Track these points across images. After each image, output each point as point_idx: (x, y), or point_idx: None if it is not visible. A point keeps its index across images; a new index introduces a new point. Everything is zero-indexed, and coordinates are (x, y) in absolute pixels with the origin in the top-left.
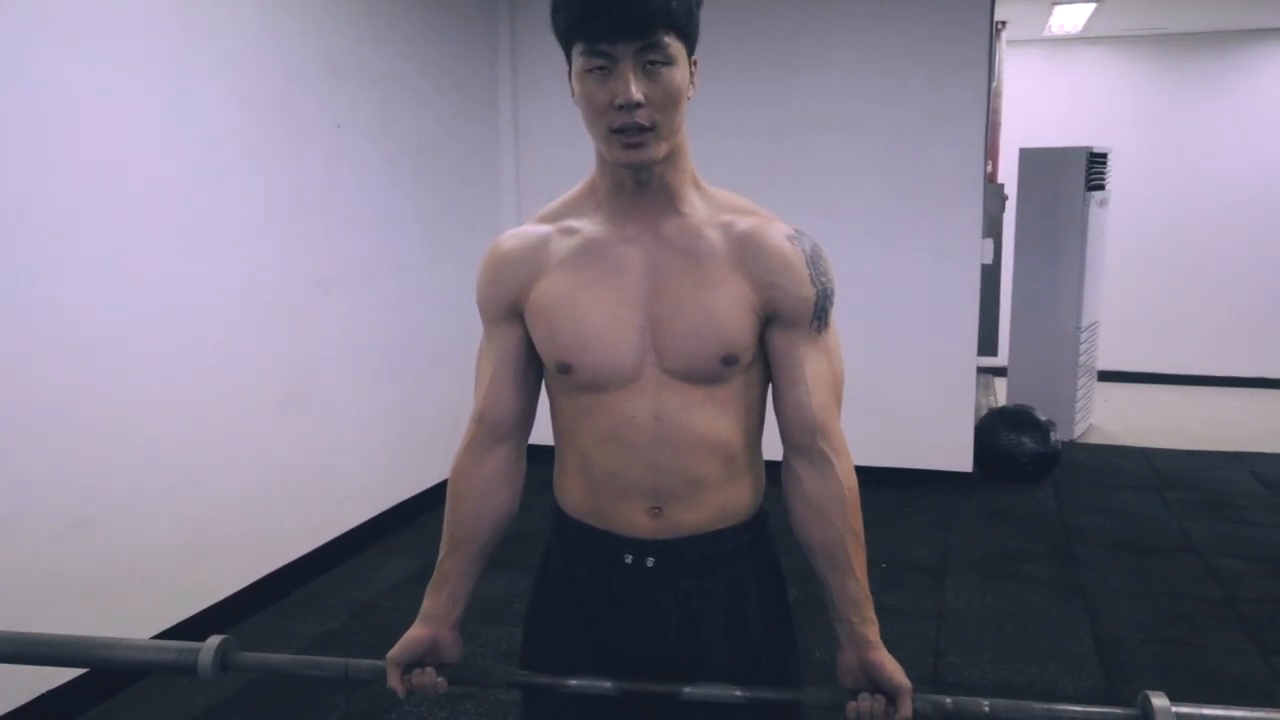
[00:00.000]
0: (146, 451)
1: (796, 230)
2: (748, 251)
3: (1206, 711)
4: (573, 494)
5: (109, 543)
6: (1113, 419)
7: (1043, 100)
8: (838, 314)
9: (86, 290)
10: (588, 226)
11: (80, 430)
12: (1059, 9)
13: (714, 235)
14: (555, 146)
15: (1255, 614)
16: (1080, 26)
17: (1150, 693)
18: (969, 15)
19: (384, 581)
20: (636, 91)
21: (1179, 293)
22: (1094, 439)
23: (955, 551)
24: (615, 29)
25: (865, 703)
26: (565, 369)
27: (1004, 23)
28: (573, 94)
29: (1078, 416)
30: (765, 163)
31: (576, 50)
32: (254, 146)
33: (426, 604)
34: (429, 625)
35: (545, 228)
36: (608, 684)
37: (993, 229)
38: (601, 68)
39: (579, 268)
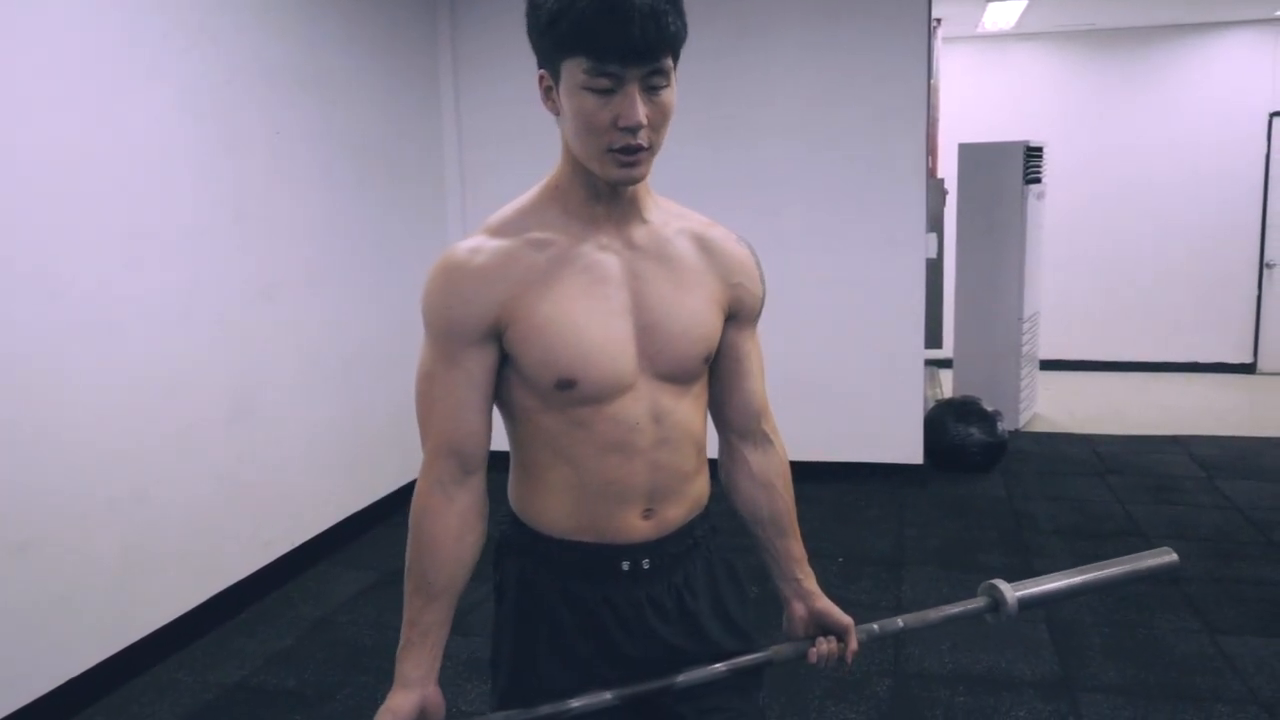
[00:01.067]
0: (85, 470)
1: (736, 234)
2: (714, 255)
3: (1035, 590)
4: (555, 511)
5: (46, 566)
6: (1055, 407)
7: (978, 96)
8: (789, 312)
9: (16, 305)
10: (559, 237)
11: (13, 450)
12: (992, 6)
13: (681, 240)
14: (500, 149)
15: (1200, 593)
16: (1013, 23)
17: (995, 581)
18: (907, 14)
19: (339, 595)
20: (643, 115)
21: (1113, 282)
22: (1038, 427)
23: (910, 543)
24: (629, 53)
25: (824, 645)
26: (567, 385)
27: (939, 20)
28: (551, 103)
29: (1022, 406)
30: (711, 165)
31: (575, 65)
32: (191, 152)
33: (406, 667)
34: (413, 689)
35: (507, 241)
36: (607, 695)
37: (935, 224)
38: (607, 89)
39: (562, 280)
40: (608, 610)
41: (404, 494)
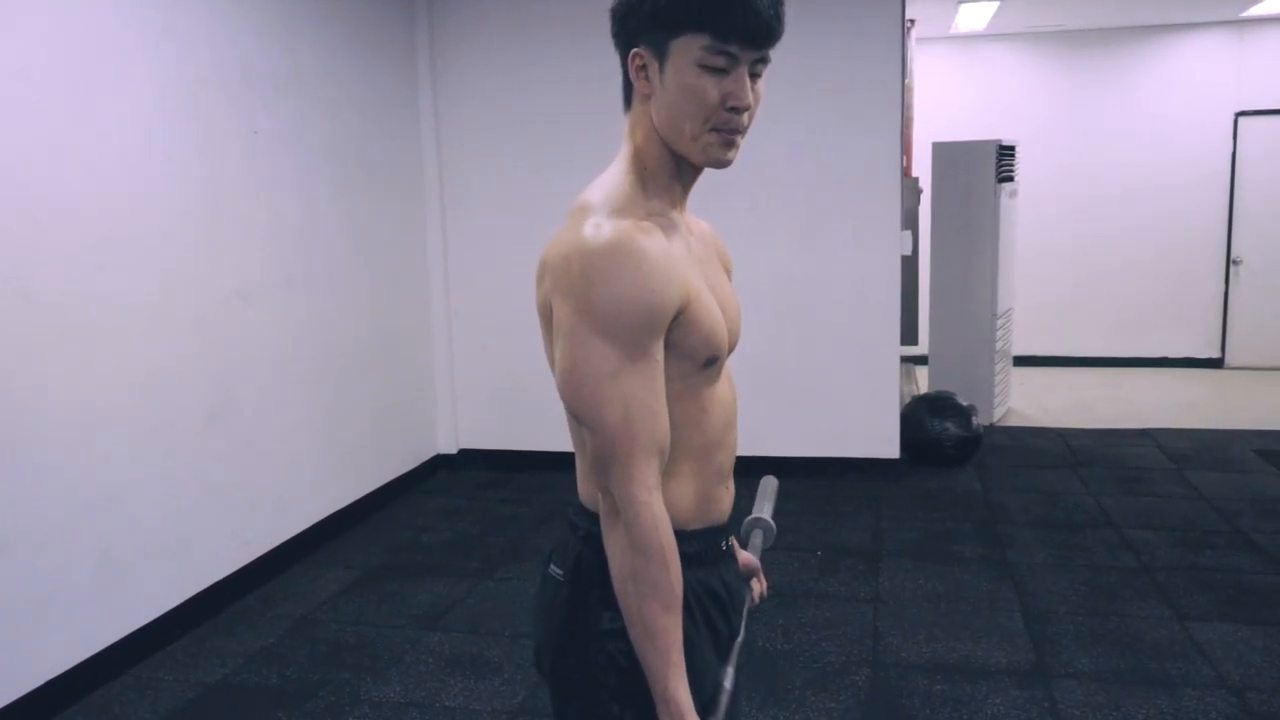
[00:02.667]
0: (62, 471)
1: None
2: (719, 244)
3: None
4: (681, 503)
5: (24, 568)
6: (1028, 402)
7: (951, 95)
8: (767, 310)
9: None
10: (667, 217)
11: None
12: (965, 7)
13: (702, 227)
14: (478, 148)
15: (1169, 581)
16: (985, 24)
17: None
18: (881, 15)
19: (320, 594)
20: (751, 97)
21: (1083, 279)
22: (1012, 422)
23: (887, 535)
24: (755, 36)
25: (756, 587)
26: (712, 361)
27: (913, 21)
28: (644, 82)
29: (996, 401)
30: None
31: (692, 42)
32: (166, 152)
33: (683, 693)
34: (693, 715)
35: (648, 222)
36: (730, 670)
37: (909, 221)
38: (720, 69)
39: (689, 259)
40: (724, 590)
41: (382, 493)
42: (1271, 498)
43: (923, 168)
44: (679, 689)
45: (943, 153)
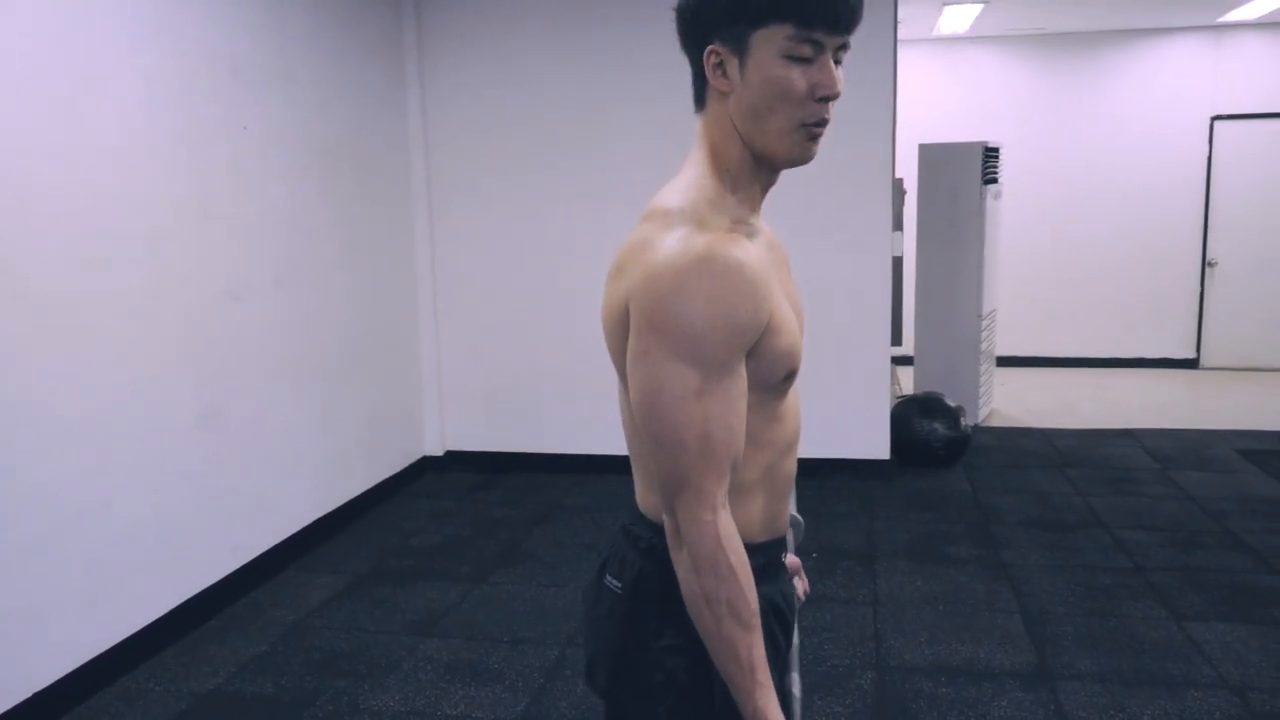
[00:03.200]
0: (51, 477)
1: None
2: (781, 247)
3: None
4: (752, 517)
5: (11, 576)
6: (1012, 402)
7: (934, 97)
8: None
9: None
10: (750, 224)
11: None
12: (948, 10)
13: (769, 231)
14: (466, 146)
15: (1163, 582)
16: (967, 27)
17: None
18: (873, 19)
19: (311, 600)
20: (840, 84)
21: (1063, 280)
22: (997, 422)
23: (881, 537)
24: (839, 20)
25: (800, 585)
26: (791, 375)
27: (898, 23)
28: (722, 79)
29: (981, 401)
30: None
31: (777, 32)
32: (156, 149)
33: (775, 713)
34: None
35: (737, 233)
36: (795, 675)
37: (895, 223)
38: (806, 58)
39: (770, 268)
40: (783, 602)
41: (369, 496)
42: (1257, 497)
43: (907, 169)
44: (769, 706)
45: (929, 154)
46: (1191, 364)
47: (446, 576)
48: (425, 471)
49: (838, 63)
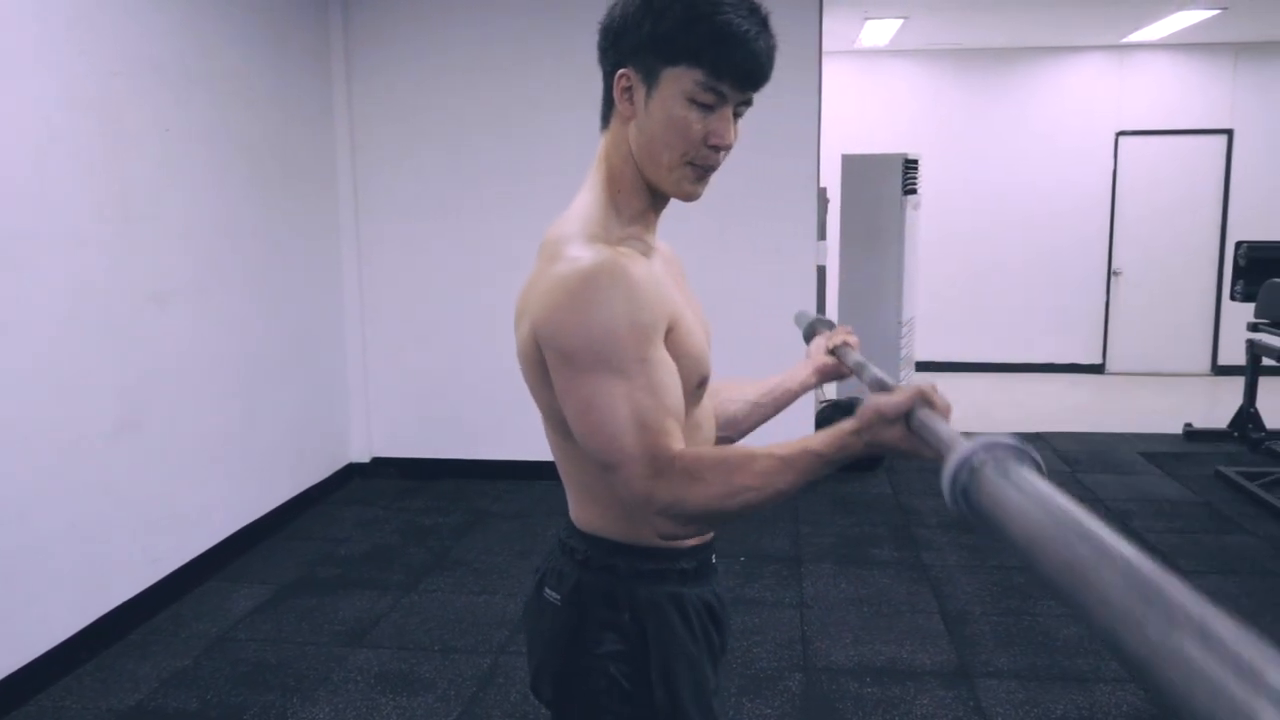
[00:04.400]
0: None
1: None
2: (680, 265)
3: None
4: None
5: None
6: None
7: (857, 109)
8: None
9: None
10: (642, 241)
11: None
12: (870, 23)
13: (667, 250)
14: (394, 148)
15: None
16: (888, 40)
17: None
18: (799, 32)
19: (235, 611)
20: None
21: (979, 288)
22: None
23: (806, 541)
24: (743, 77)
25: (850, 339)
26: (703, 382)
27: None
28: (627, 104)
29: None
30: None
31: (685, 74)
32: (75, 148)
33: (844, 439)
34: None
35: (628, 247)
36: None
37: (819, 232)
38: (709, 105)
39: (669, 280)
40: (716, 604)
41: (294, 505)
42: (1159, 498)
43: (830, 179)
44: (835, 441)
45: (851, 165)
46: (1098, 369)
47: (375, 585)
48: (351, 478)
49: (738, 116)
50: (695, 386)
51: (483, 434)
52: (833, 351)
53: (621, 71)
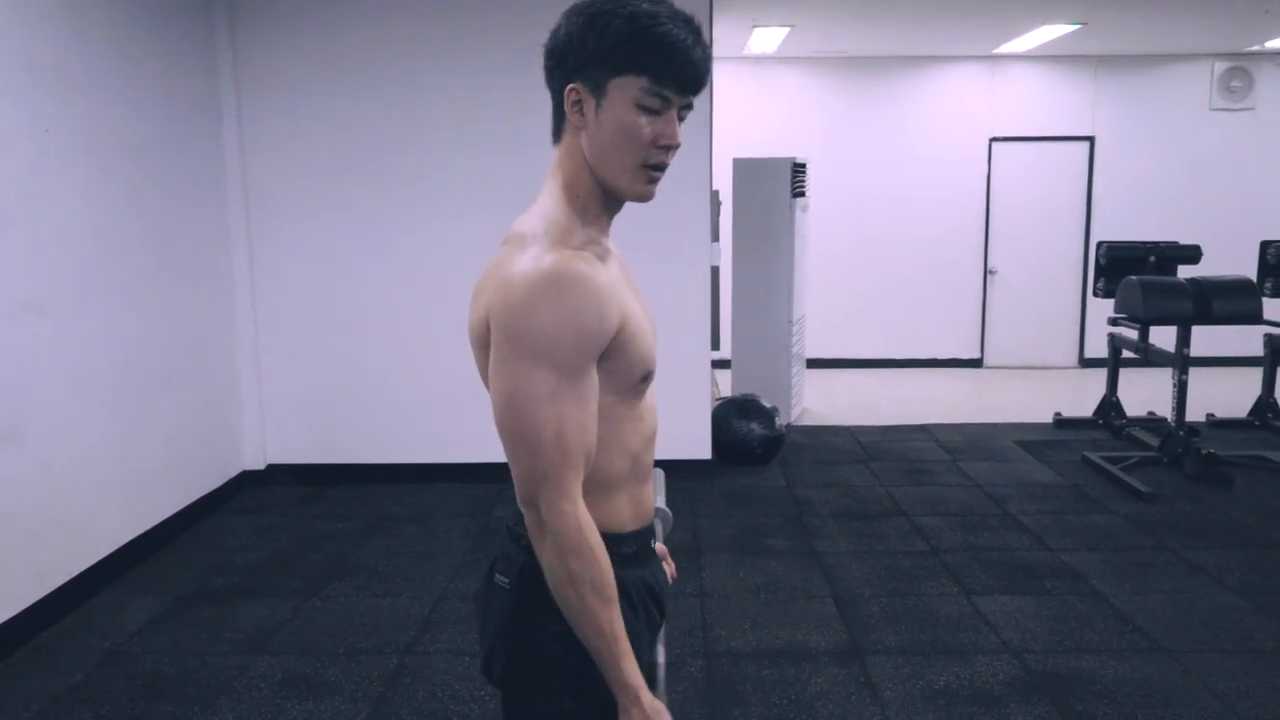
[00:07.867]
0: None
1: None
2: (627, 270)
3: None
4: (622, 509)
5: None
6: (820, 402)
7: (747, 113)
8: None
9: None
10: (601, 245)
11: None
12: (758, 31)
13: (617, 251)
14: (286, 152)
15: (955, 562)
16: (775, 47)
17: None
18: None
19: (128, 624)
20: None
21: (864, 287)
22: (808, 421)
23: (706, 533)
24: (686, 82)
25: (669, 567)
26: (647, 377)
27: (712, 41)
28: (578, 115)
29: (793, 402)
30: (514, 180)
31: (631, 83)
32: None
33: (635, 676)
34: (647, 693)
35: (588, 251)
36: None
37: (713, 233)
38: (655, 110)
39: (622, 283)
40: (655, 584)
41: (186, 514)
42: (1032, 483)
43: (722, 182)
44: (632, 672)
45: (743, 168)
46: (977, 364)
47: (275, 593)
48: (245, 486)
49: (681, 119)
50: (640, 380)
51: (380, 438)
52: None
53: (571, 86)
